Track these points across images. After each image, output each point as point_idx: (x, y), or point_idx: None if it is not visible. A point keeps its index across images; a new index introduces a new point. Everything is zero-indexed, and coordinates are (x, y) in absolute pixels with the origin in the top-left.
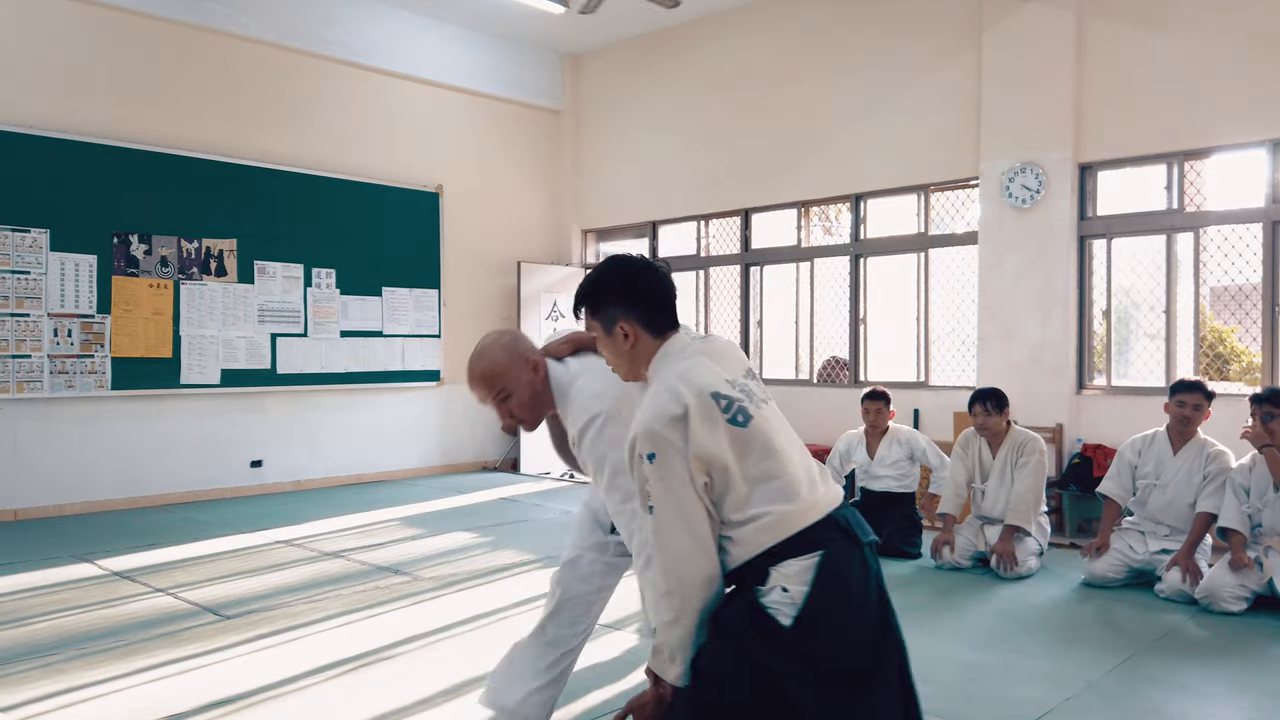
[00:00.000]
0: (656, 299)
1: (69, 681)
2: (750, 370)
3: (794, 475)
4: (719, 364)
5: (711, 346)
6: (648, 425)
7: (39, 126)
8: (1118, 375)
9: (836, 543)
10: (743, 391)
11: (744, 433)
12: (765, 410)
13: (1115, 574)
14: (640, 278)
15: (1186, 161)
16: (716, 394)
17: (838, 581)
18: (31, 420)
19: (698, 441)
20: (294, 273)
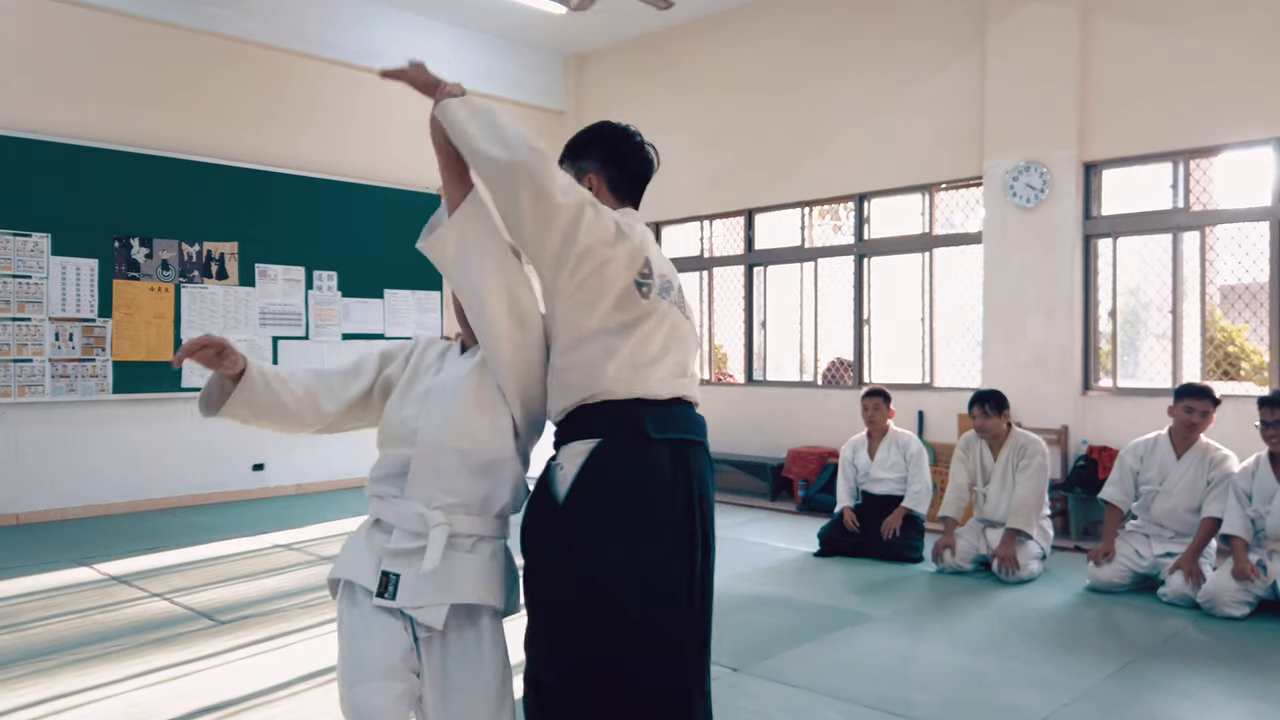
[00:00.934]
0: (631, 168)
1: (61, 687)
2: (679, 285)
3: (639, 353)
4: (660, 254)
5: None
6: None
7: (40, 131)
8: (1124, 376)
9: (627, 436)
10: (662, 283)
11: (635, 297)
12: (663, 304)
13: (1120, 579)
14: (624, 144)
15: (1192, 160)
16: (648, 260)
17: (608, 473)
18: (33, 424)
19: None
20: (295, 275)
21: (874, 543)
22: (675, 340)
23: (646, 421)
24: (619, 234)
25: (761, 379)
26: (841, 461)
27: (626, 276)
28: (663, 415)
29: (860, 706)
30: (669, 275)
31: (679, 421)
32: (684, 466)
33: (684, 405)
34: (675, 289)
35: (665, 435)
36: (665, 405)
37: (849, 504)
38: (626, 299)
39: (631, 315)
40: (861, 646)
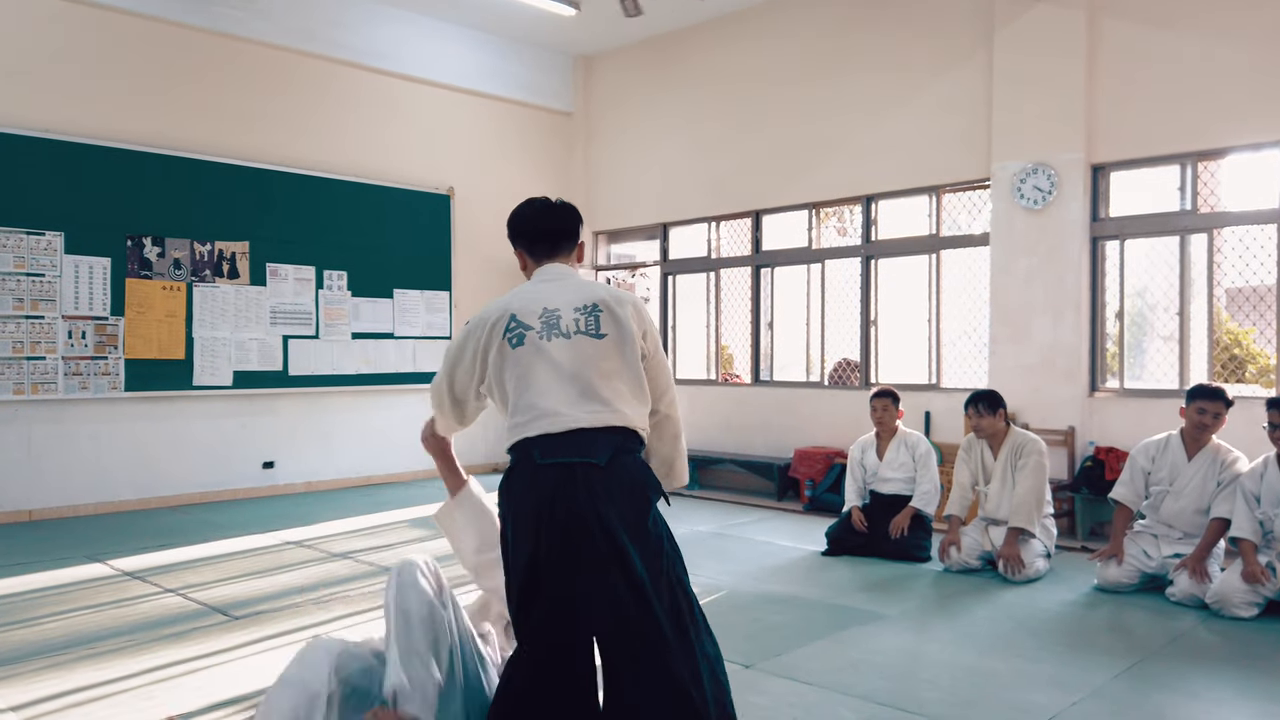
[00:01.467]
0: (527, 233)
1: (78, 680)
2: (593, 306)
3: (529, 399)
4: (551, 295)
5: (565, 284)
6: (468, 322)
7: (53, 130)
8: (1131, 377)
9: (515, 462)
10: (548, 322)
11: (511, 352)
12: (557, 342)
13: (1128, 580)
14: (517, 217)
15: (1200, 162)
16: (514, 315)
17: (509, 491)
18: (46, 422)
19: (478, 346)
20: (306, 275)
21: (882, 542)
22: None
23: (534, 451)
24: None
25: (768, 379)
26: (850, 461)
27: (499, 343)
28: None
29: (871, 703)
30: (559, 308)
31: (565, 447)
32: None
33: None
34: (568, 317)
35: (550, 460)
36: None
37: (857, 504)
38: (503, 356)
39: (517, 368)
40: (871, 644)
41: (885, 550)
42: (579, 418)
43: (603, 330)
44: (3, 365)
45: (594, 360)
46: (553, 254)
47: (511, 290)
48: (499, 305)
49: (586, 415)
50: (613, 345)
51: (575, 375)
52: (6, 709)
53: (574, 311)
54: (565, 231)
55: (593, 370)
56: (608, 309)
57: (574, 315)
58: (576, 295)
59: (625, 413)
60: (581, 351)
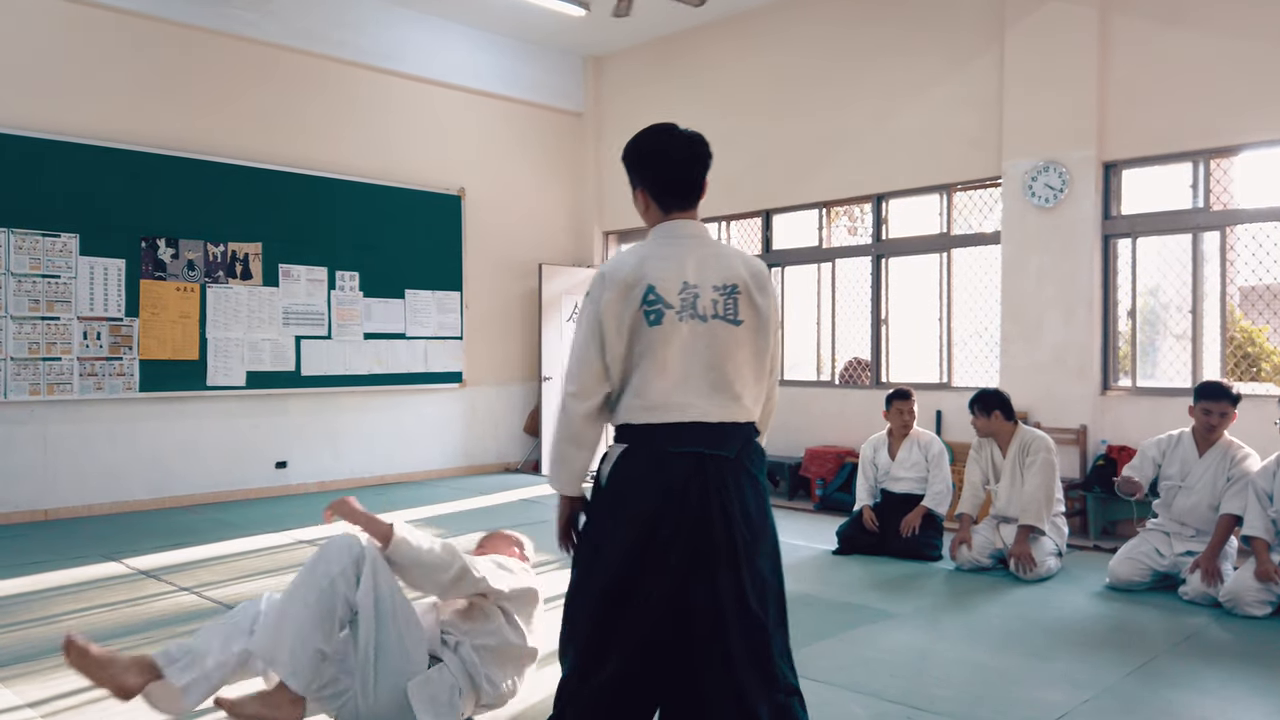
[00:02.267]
0: (666, 177)
1: None
2: (733, 287)
3: (649, 384)
4: (690, 266)
5: (703, 251)
6: (600, 270)
7: (69, 133)
8: (1143, 376)
9: (635, 446)
10: (686, 301)
11: (647, 330)
12: (691, 325)
13: (1139, 577)
14: (656, 153)
15: (1213, 159)
16: (653, 288)
17: (627, 477)
18: (61, 422)
19: (602, 308)
20: (318, 276)
21: (893, 541)
22: (699, 360)
23: (662, 438)
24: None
25: (779, 378)
26: (862, 460)
27: (632, 314)
28: (684, 433)
29: (883, 701)
30: (699, 285)
31: (698, 438)
32: (706, 481)
33: (711, 426)
34: (707, 297)
35: (682, 450)
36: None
37: (869, 503)
38: (636, 331)
39: (650, 348)
40: (883, 643)
41: (896, 549)
42: (709, 411)
43: (740, 316)
44: (19, 366)
45: (729, 350)
46: (685, 206)
47: (647, 245)
48: (633, 268)
49: (717, 409)
50: (748, 334)
51: (710, 366)
52: (25, 705)
53: (713, 291)
54: (703, 175)
55: (727, 361)
56: (747, 292)
57: (713, 295)
58: (716, 271)
59: (749, 406)
60: (717, 338)
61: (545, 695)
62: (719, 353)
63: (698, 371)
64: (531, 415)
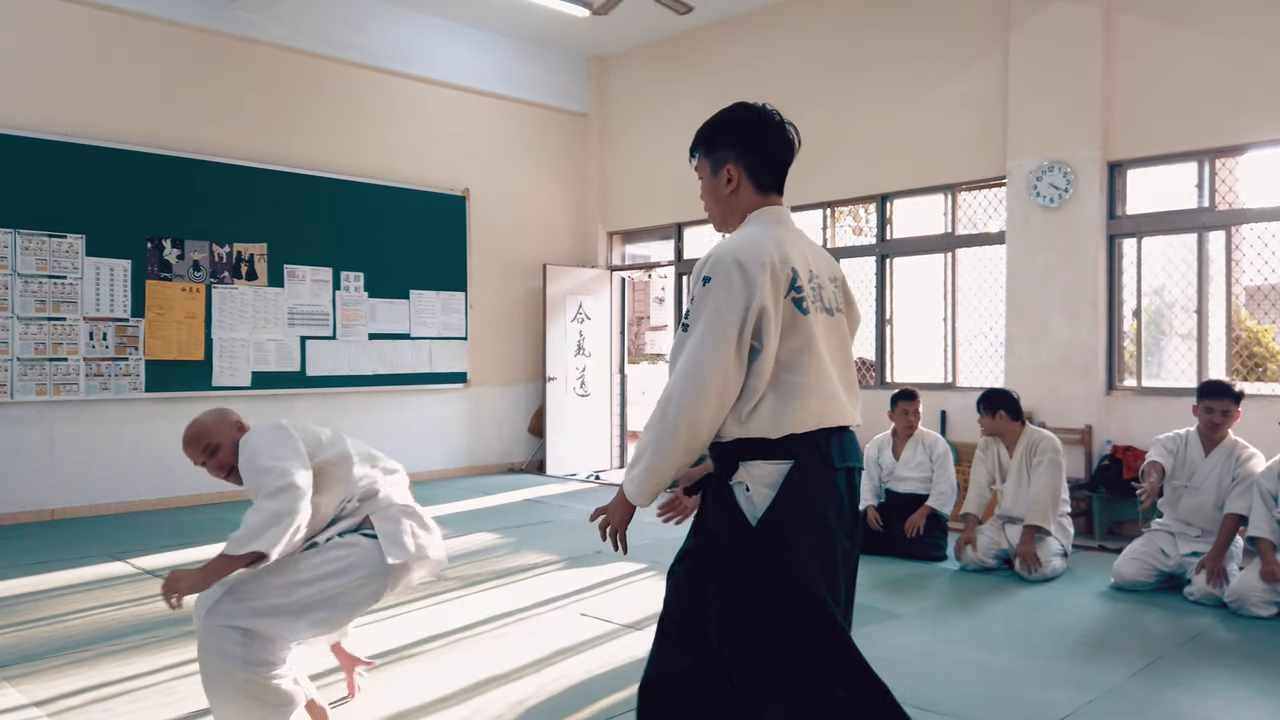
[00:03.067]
0: (770, 155)
1: (101, 676)
2: (838, 279)
3: (813, 382)
4: (809, 255)
5: (807, 240)
6: (729, 253)
7: (75, 134)
8: (1149, 376)
9: (810, 459)
10: (815, 289)
11: (798, 318)
12: (824, 316)
13: (1144, 578)
14: (761, 129)
15: (1218, 159)
16: (796, 273)
17: (800, 495)
18: (68, 422)
19: (763, 295)
20: (323, 276)
21: (897, 541)
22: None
23: (830, 448)
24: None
25: None
26: (866, 460)
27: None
28: (843, 441)
29: None
30: (819, 274)
31: (851, 449)
32: (851, 491)
33: (850, 431)
34: (828, 289)
35: (844, 464)
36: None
37: (872, 503)
38: (791, 321)
39: (800, 341)
40: (886, 643)
41: (900, 549)
42: (853, 415)
43: (846, 310)
44: (25, 366)
45: (847, 344)
46: (779, 188)
47: (767, 228)
48: (773, 250)
49: (852, 410)
50: (853, 332)
51: (845, 363)
52: (31, 704)
53: (830, 283)
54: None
55: (849, 356)
56: (846, 288)
57: (832, 288)
58: (824, 262)
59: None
60: (843, 334)
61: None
62: (842, 347)
63: (836, 366)
64: (536, 415)
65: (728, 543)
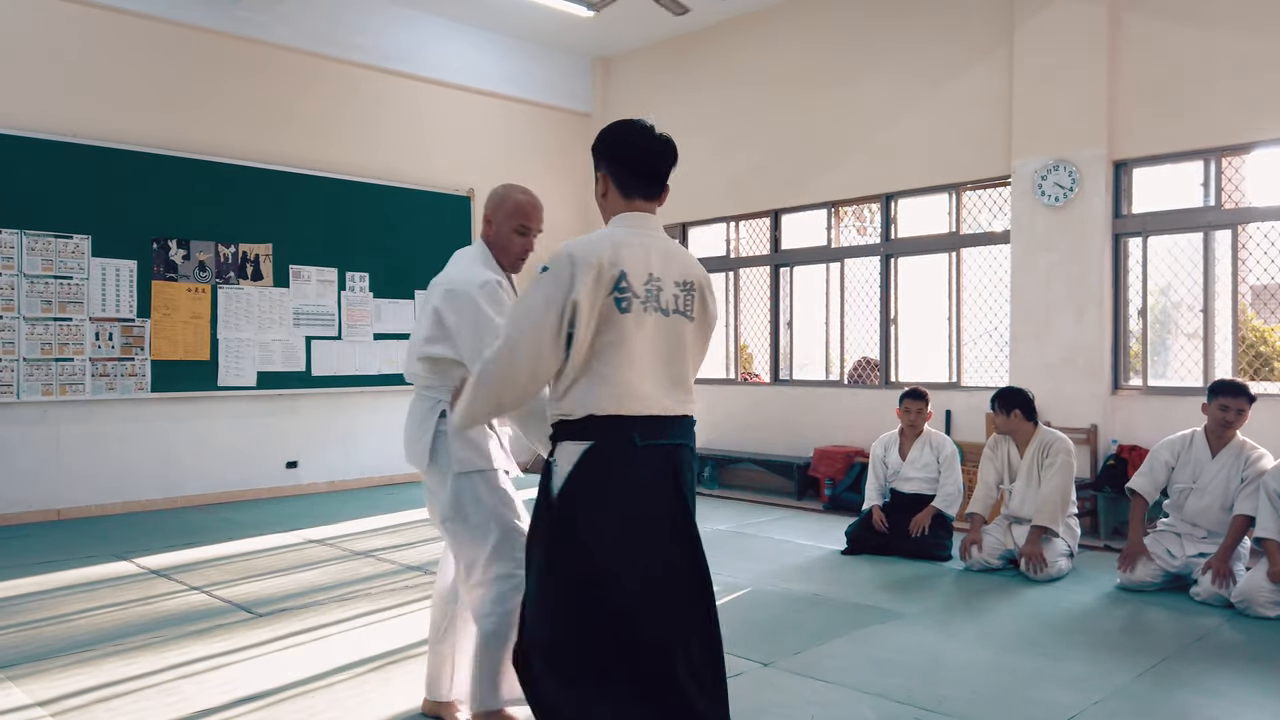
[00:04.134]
0: (631, 164)
1: (105, 676)
2: (692, 284)
3: (617, 373)
4: (654, 258)
5: (663, 245)
6: (568, 248)
7: (81, 135)
8: (1154, 375)
9: (617, 443)
10: (650, 292)
11: (617, 316)
12: (655, 316)
13: (1151, 579)
14: (625, 141)
15: (1224, 158)
16: (624, 274)
17: (597, 474)
18: (73, 422)
19: (580, 290)
20: (328, 276)
21: (902, 541)
22: (659, 353)
23: (634, 431)
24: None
25: (788, 379)
26: (872, 459)
27: (603, 299)
28: (650, 426)
29: (891, 702)
30: (662, 278)
31: (668, 430)
32: (670, 468)
33: (671, 419)
34: (669, 291)
35: (651, 442)
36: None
37: (878, 502)
38: (605, 317)
39: (616, 336)
40: (891, 643)
41: (905, 549)
42: (670, 406)
43: (694, 313)
44: (32, 366)
45: (685, 345)
46: (649, 196)
47: (608, 232)
48: (604, 251)
49: (674, 403)
50: (699, 333)
51: (670, 359)
52: (35, 704)
53: (674, 286)
54: (667, 175)
55: (683, 355)
56: (700, 292)
57: (674, 290)
58: (677, 266)
59: (693, 400)
60: (676, 334)
61: None
62: (677, 347)
63: (660, 366)
64: None
65: (535, 517)
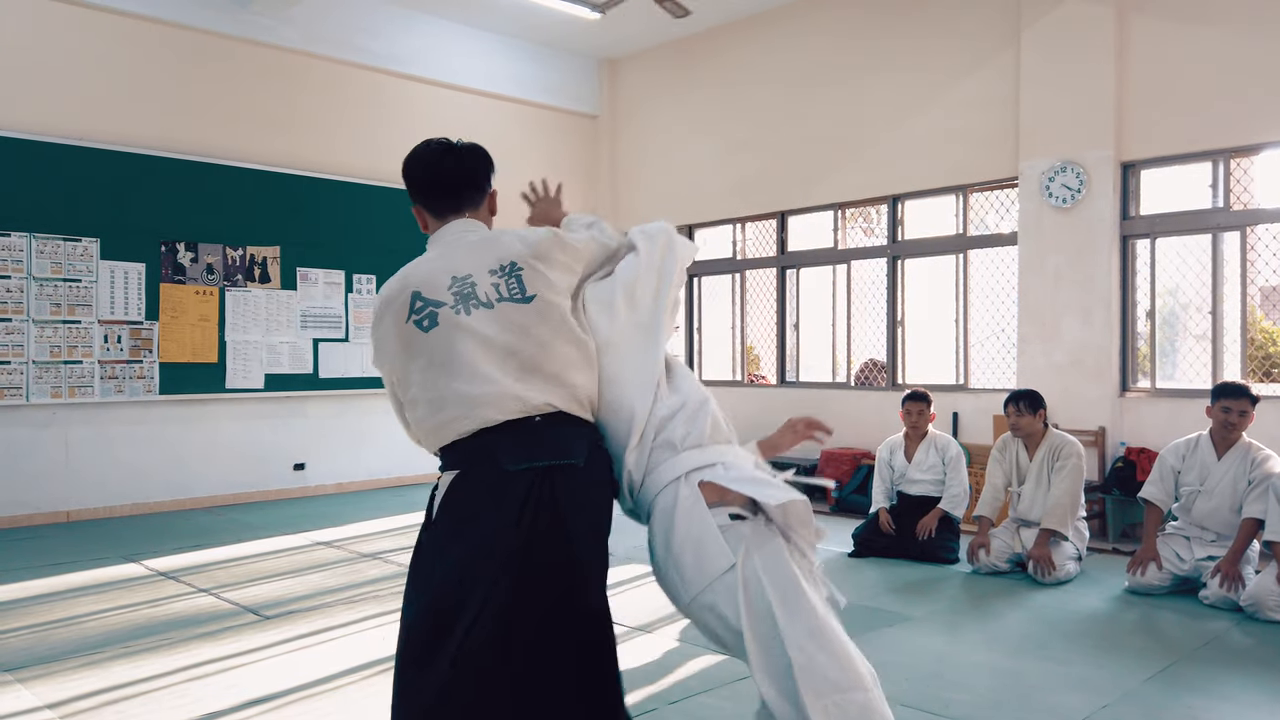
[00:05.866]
0: (422, 184)
1: (114, 678)
2: (509, 265)
3: (445, 392)
4: (460, 259)
5: (472, 241)
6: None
7: (89, 139)
8: (1163, 377)
9: (472, 468)
10: (461, 294)
11: (422, 337)
12: (478, 315)
13: (1159, 582)
14: (410, 164)
15: (1233, 159)
16: (418, 294)
17: (445, 508)
18: (82, 424)
19: (382, 334)
20: (335, 279)
21: (909, 543)
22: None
23: (499, 451)
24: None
25: (794, 380)
26: (878, 462)
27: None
28: (517, 441)
29: (898, 705)
30: (472, 273)
31: (539, 444)
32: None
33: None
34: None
35: (522, 465)
36: (517, 426)
37: (884, 505)
38: (410, 344)
39: (432, 355)
40: (898, 646)
41: (912, 552)
42: (529, 400)
43: (531, 292)
44: (41, 369)
45: (528, 329)
46: (458, 208)
47: (421, 258)
48: (396, 282)
49: (535, 393)
50: (547, 309)
51: (509, 351)
52: (44, 706)
53: (490, 275)
54: (469, 179)
55: (528, 342)
56: (530, 266)
57: (491, 280)
58: (490, 254)
59: (579, 385)
60: (511, 321)
61: None
62: (519, 335)
63: (496, 359)
64: None
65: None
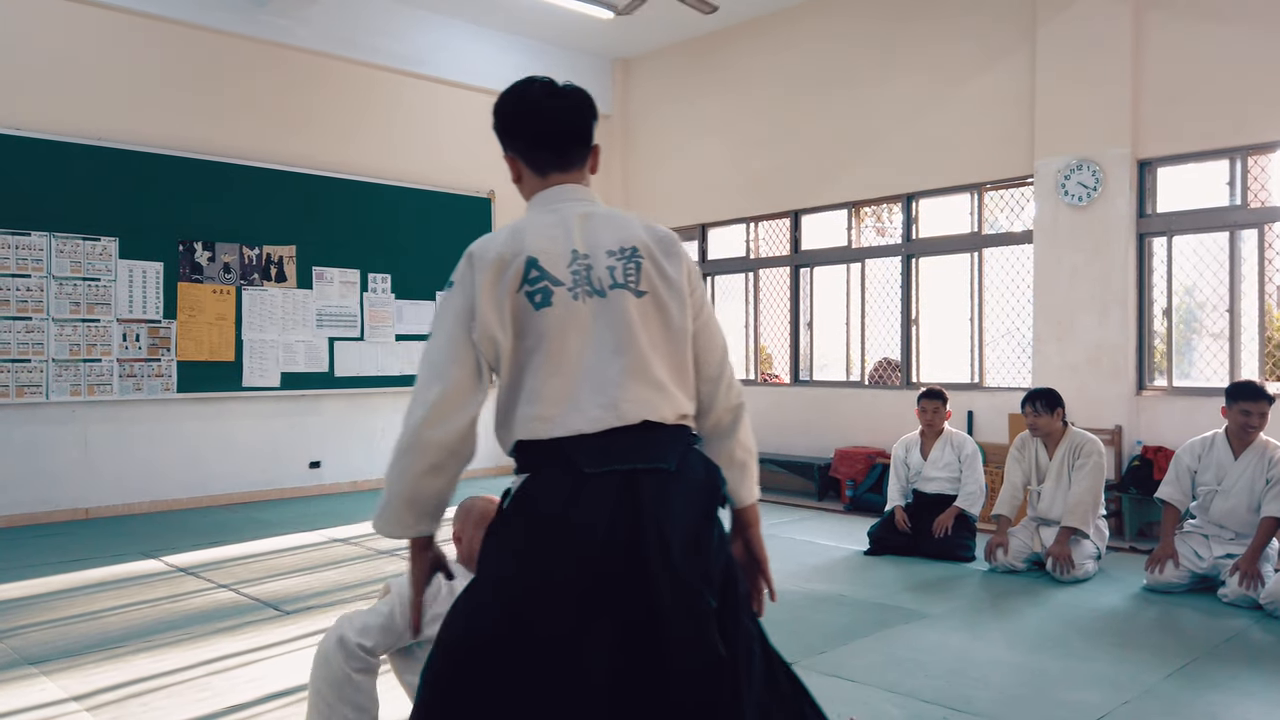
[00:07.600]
0: (530, 135)
1: (137, 671)
2: (631, 250)
3: (543, 384)
4: (577, 232)
5: (591, 212)
6: (468, 252)
7: (108, 139)
8: (1180, 376)
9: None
10: (579, 274)
11: (533, 315)
12: (587, 301)
13: (1178, 580)
14: (510, 110)
15: (1250, 156)
16: (535, 261)
17: (514, 517)
18: (101, 422)
19: (480, 294)
20: (351, 278)
21: (925, 542)
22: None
23: (577, 456)
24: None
25: (808, 379)
26: (894, 460)
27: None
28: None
29: (919, 701)
30: (590, 252)
31: (631, 449)
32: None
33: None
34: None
35: (604, 469)
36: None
37: (900, 503)
38: (519, 318)
39: (541, 339)
40: (917, 643)
41: (928, 550)
42: (625, 408)
43: (642, 285)
44: (60, 367)
45: (634, 326)
46: (564, 164)
47: (528, 216)
48: (507, 241)
49: (636, 404)
50: (656, 309)
51: (619, 347)
52: (69, 698)
53: (608, 256)
54: (580, 131)
55: (636, 341)
56: (651, 258)
57: (608, 262)
58: (611, 234)
59: (680, 396)
60: (623, 314)
61: None
62: (627, 330)
63: (607, 356)
64: None
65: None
